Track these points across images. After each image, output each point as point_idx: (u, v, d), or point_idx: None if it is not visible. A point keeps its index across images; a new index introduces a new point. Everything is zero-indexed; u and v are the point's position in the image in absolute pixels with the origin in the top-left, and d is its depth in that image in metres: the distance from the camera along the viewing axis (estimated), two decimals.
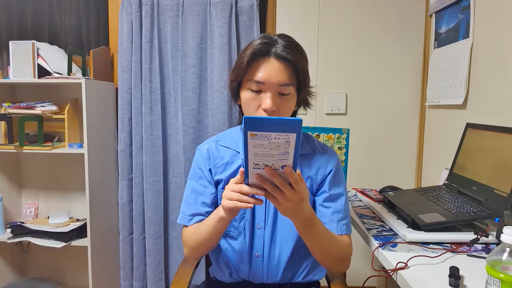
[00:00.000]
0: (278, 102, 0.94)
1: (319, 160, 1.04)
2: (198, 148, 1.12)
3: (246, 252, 1.03)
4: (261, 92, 0.94)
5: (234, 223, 1.03)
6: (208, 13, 1.96)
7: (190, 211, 1.06)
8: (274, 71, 0.93)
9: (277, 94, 0.94)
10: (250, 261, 1.03)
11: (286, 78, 0.93)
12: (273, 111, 0.93)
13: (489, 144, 1.21)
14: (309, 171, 1.03)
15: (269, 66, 0.93)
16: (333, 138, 1.64)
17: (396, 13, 2.01)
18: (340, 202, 1.02)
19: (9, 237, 1.95)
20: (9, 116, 1.92)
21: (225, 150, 1.07)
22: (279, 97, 0.94)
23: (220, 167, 1.05)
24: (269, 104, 0.92)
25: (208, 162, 1.07)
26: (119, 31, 2.01)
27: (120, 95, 2.03)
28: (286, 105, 0.96)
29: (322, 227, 0.93)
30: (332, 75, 2.05)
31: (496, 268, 0.67)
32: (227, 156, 1.06)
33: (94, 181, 1.91)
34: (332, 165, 1.04)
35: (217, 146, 1.08)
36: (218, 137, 1.12)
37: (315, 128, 1.68)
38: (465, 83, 1.56)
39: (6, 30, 2.24)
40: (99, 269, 1.97)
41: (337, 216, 1.01)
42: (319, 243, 0.94)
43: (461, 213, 1.08)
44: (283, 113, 0.95)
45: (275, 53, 0.93)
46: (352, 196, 1.59)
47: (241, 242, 1.03)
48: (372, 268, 1.00)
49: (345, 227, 1.01)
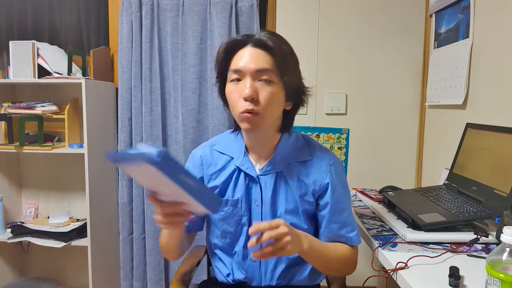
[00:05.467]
0: (258, 89, 0.89)
1: (318, 168, 1.00)
2: (191, 154, 1.09)
3: (243, 257, 1.02)
4: (240, 81, 0.91)
5: (230, 228, 1.01)
6: (208, 13, 1.96)
7: None
8: (252, 57, 0.89)
9: (257, 82, 0.90)
10: (247, 266, 1.03)
11: (265, 63, 0.89)
12: (252, 98, 0.88)
13: (489, 144, 1.21)
14: (306, 179, 1.00)
15: (247, 53, 0.90)
16: (333, 138, 1.64)
17: (396, 13, 2.01)
18: (346, 214, 1.01)
19: (9, 237, 1.95)
20: (9, 116, 1.92)
21: (219, 156, 1.04)
22: (259, 85, 0.90)
23: (213, 174, 1.03)
24: (247, 92, 0.88)
25: (200, 169, 1.05)
26: (119, 31, 2.01)
27: (120, 95, 2.03)
28: (267, 92, 0.89)
29: (321, 246, 0.94)
30: (332, 75, 2.05)
31: (496, 268, 0.67)
32: (220, 162, 1.03)
33: (94, 181, 1.91)
34: (331, 176, 1.00)
35: (211, 151, 1.06)
36: (214, 141, 1.09)
37: (315, 128, 1.68)
38: (465, 83, 1.56)
39: (6, 30, 2.24)
40: (99, 269, 1.96)
41: (345, 230, 1.00)
42: (320, 261, 0.96)
43: (461, 213, 1.08)
44: (265, 102, 0.89)
45: (253, 40, 0.91)
46: (352, 196, 1.59)
47: (238, 247, 1.02)
48: (372, 268, 1.00)
49: (355, 238, 1.01)
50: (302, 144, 1.04)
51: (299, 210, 0.99)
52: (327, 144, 1.65)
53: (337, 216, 1.00)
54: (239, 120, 0.93)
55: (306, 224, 1.00)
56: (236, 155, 1.02)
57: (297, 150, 1.02)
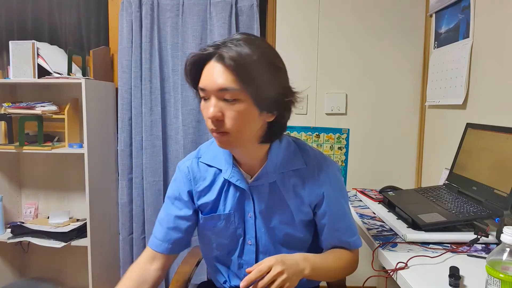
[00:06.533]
0: (223, 109, 0.80)
1: (313, 177, 0.95)
2: (178, 166, 1.02)
3: (238, 267, 1.01)
4: (208, 99, 0.82)
5: (225, 241, 0.99)
6: (208, 13, 1.96)
7: (161, 235, 0.99)
8: (212, 75, 0.79)
9: (222, 101, 0.80)
10: (243, 275, 1.00)
11: (226, 81, 0.78)
12: (217, 119, 0.80)
13: (489, 144, 1.21)
14: (302, 190, 0.95)
15: (209, 70, 0.81)
16: (333, 138, 1.64)
17: (396, 13, 2.01)
18: (345, 220, 0.99)
19: (9, 237, 1.95)
20: (9, 116, 1.92)
21: (206, 169, 0.97)
22: (224, 104, 0.80)
23: (203, 190, 0.97)
24: (210, 113, 0.80)
25: (188, 183, 0.98)
26: (119, 31, 2.01)
27: (120, 95, 2.03)
28: (233, 112, 0.80)
29: (326, 263, 0.94)
30: (332, 75, 2.05)
31: (496, 268, 0.67)
32: (209, 176, 0.97)
33: (94, 181, 1.91)
34: (327, 184, 0.96)
35: (198, 164, 0.98)
36: (199, 152, 1.01)
37: (315, 128, 1.68)
38: (465, 83, 1.56)
39: (6, 30, 2.24)
40: (99, 269, 1.96)
41: (347, 236, 0.99)
42: (328, 276, 0.97)
43: (461, 213, 1.08)
44: (231, 122, 0.81)
45: (218, 54, 0.80)
46: (352, 196, 1.59)
47: (233, 258, 1.01)
48: (372, 268, 1.00)
49: (355, 242, 1.00)
50: (294, 150, 0.97)
51: (295, 220, 0.96)
52: (327, 144, 1.64)
53: (337, 224, 0.98)
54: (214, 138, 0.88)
55: (302, 233, 0.98)
56: (224, 167, 0.95)
57: (290, 157, 0.96)
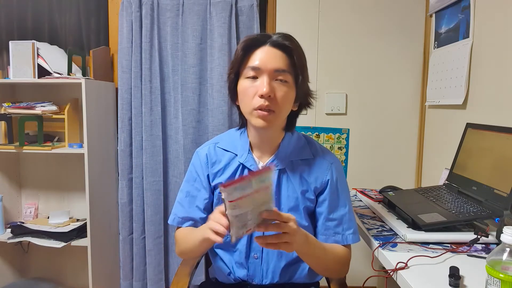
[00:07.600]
0: (275, 88, 0.93)
1: (319, 166, 1.03)
2: (197, 151, 1.11)
3: (245, 254, 1.03)
4: (257, 79, 0.94)
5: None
6: (208, 13, 1.96)
7: (182, 214, 1.08)
8: (270, 57, 0.93)
9: (274, 81, 0.93)
10: (249, 263, 1.03)
11: (282, 64, 0.93)
12: (269, 96, 0.91)
13: (489, 144, 1.21)
14: (308, 177, 1.02)
15: (265, 52, 0.93)
16: (333, 138, 1.64)
17: (396, 13, 2.01)
18: (343, 211, 1.02)
19: (9, 237, 1.95)
20: (9, 116, 1.92)
21: (223, 153, 1.07)
22: (276, 84, 0.93)
23: (218, 171, 1.06)
24: (265, 90, 0.91)
25: (206, 168, 1.07)
26: (119, 31, 2.01)
27: (120, 95, 2.03)
28: (283, 92, 0.94)
29: (320, 247, 0.95)
30: (332, 75, 2.05)
31: (496, 268, 0.67)
32: (224, 159, 1.06)
33: (94, 181, 1.91)
34: (331, 173, 1.03)
35: (215, 149, 1.08)
36: (217, 139, 1.12)
37: (315, 128, 1.67)
38: (465, 83, 1.56)
39: (6, 30, 2.24)
40: (99, 269, 1.96)
41: (341, 227, 1.01)
42: (318, 261, 0.97)
43: (461, 213, 1.08)
44: (280, 101, 0.93)
45: (271, 41, 0.94)
46: (352, 196, 1.59)
47: (240, 245, 1.03)
48: (372, 268, 1.00)
49: (351, 237, 1.01)
50: (303, 143, 1.06)
51: (300, 207, 1.01)
52: (327, 144, 1.65)
53: (334, 213, 1.01)
54: (253, 116, 0.95)
55: (306, 222, 1.02)
56: (240, 152, 1.04)
57: (299, 149, 1.05)
